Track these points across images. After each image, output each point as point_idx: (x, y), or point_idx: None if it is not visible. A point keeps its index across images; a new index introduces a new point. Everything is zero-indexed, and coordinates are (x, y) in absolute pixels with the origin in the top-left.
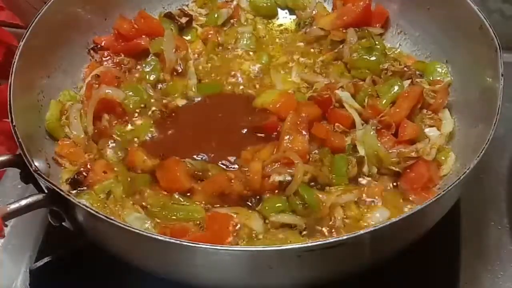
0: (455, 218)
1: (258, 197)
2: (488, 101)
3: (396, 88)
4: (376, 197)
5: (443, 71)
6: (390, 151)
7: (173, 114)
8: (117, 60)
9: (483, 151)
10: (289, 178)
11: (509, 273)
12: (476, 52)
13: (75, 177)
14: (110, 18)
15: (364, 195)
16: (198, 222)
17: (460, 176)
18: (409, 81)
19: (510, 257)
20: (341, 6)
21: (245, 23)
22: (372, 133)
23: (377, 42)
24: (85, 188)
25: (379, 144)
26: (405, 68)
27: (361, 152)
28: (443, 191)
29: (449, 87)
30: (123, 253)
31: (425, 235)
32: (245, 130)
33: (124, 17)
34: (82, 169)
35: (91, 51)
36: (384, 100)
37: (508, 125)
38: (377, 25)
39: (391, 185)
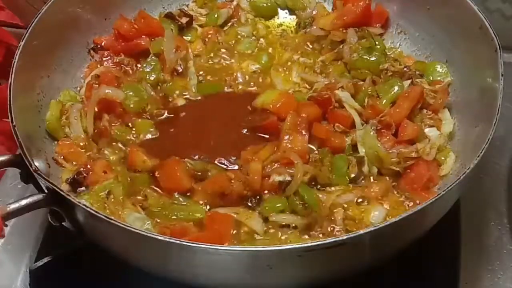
0: (455, 218)
1: (258, 197)
2: (488, 101)
3: (396, 88)
4: (376, 197)
5: (443, 71)
6: (390, 151)
7: (173, 114)
8: (117, 60)
9: (483, 151)
10: (289, 178)
11: (509, 273)
12: (476, 52)
13: (75, 177)
14: (110, 18)
15: (364, 195)
16: (198, 222)
17: (460, 176)
18: (409, 81)
19: (510, 257)
20: (341, 6)
21: (245, 23)
22: (372, 133)
23: (377, 42)
24: (84, 188)
25: (379, 144)
26: (405, 69)
27: (361, 152)
28: (443, 191)
29: (449, 87)
30: (123, 253)
31: (425, 235)
32: (245, 130)
33: (124, 17)
34: (82, 169)
35: (91, 51)
36: (384, 100)
37: (508, 125)
38: (377, 25)
39: (391, 185)
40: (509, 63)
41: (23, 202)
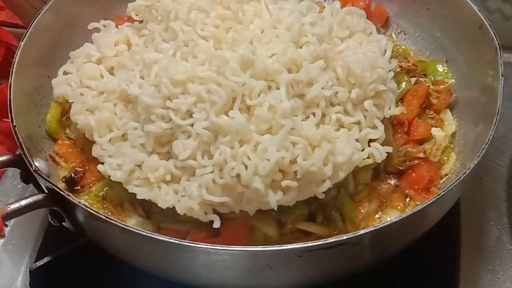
0: (455, 218)
1: None
2: (488, 101)
3: (404, 84)
4: (381, 198)
5: (443, 71)
6: (399, 149)
7: None
8: None
9: (483, 151)
10: None
11: (509, 273)
12: (476, 52)
13: (72, 175)
14: (110, 18)
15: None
16: (198, 222)
17: (460, 176)
18: (414, 79)
19: (510, 257)
20: None
21: None
22: None
23: None
24: (79, 187)
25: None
26: (412, 66)
27: None
28: (443, 191)
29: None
30: (123, 253)
31: (425, 235)
32: None
33: (121, 18)
34: (79, 168)
35: None
36: None
37: (508, 125)
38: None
39: (392, 184)
40: (509, 63)
41: (23, 202)
